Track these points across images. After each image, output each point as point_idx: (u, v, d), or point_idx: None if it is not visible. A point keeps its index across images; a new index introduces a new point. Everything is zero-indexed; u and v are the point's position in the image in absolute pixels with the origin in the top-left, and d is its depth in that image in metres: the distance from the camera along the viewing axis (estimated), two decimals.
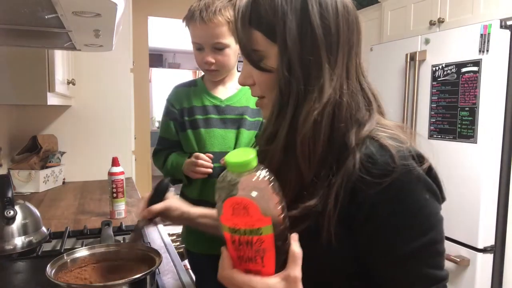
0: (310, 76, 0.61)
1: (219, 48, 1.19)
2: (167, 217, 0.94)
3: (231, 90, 1.29)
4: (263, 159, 0.62)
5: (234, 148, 1.25)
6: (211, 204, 0.97)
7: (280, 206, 0.53)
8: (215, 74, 1.25)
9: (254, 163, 0.53)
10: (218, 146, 1.24)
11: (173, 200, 0.94)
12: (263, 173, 0.53)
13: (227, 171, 0.54)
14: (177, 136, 1.31)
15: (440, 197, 0.60)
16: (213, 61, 1.20)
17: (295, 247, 0.54)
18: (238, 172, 0.52)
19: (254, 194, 0.51)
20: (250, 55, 0.64)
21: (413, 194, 0.57)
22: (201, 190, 1.25)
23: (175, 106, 1.29)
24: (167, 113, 1.32)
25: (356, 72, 0.65)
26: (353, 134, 0.61)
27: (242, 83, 0.70)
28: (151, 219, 0.92)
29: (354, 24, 0.64)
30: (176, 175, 1.27)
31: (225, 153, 1.21)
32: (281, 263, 0.54)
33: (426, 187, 0.57)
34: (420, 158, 0.58)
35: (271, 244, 0.52)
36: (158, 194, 0.94)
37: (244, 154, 0.53)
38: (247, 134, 1.25)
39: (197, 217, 0.95)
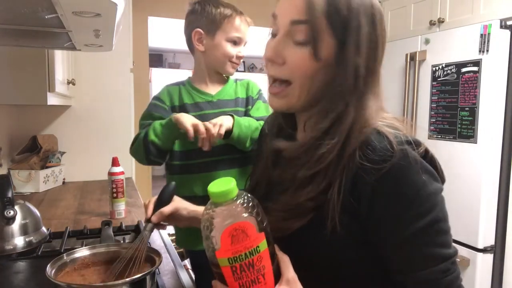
0: (368, 81, 0.64)
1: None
2: (175, 218, 0.92)
3: (218, 86, 1.34)
4: (312, 151, 0.63)
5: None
6: None
7: (266, 220, 0.56)
8: (236, 68, 1.34)
9: (236, 189, 0.55)
10: (218, 140, 1.24)
11: (179, 201, 0.94)
12: (246, 196, 0.56)
13: (211, 204, 0.55)
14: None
15: (438, 178, 0.61)
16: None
17: (281, 252, 0.58)
18: (223, 201, 0.54)
19: (246, 215, 0.53)
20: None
21: (411, 176, 0.58)
22: (205, 185, 1.25)
23: (166, 102, 1.29)
24: (154, 108, 1.27)
25: None
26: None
27: (270, 57, 0.66)
28: (159, 223, 0.90)
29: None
30: (168, 135, 1.17)
31: (224, 146, 1.23)
32: (275, 273, 0.56)
33: (423, 169, 0.59)
34: (416, 143, 0.60)
35: (268, 257, 0.54)
36: (166, 197, 0.91)
37: (224, 183, 0.55)
38: None
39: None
